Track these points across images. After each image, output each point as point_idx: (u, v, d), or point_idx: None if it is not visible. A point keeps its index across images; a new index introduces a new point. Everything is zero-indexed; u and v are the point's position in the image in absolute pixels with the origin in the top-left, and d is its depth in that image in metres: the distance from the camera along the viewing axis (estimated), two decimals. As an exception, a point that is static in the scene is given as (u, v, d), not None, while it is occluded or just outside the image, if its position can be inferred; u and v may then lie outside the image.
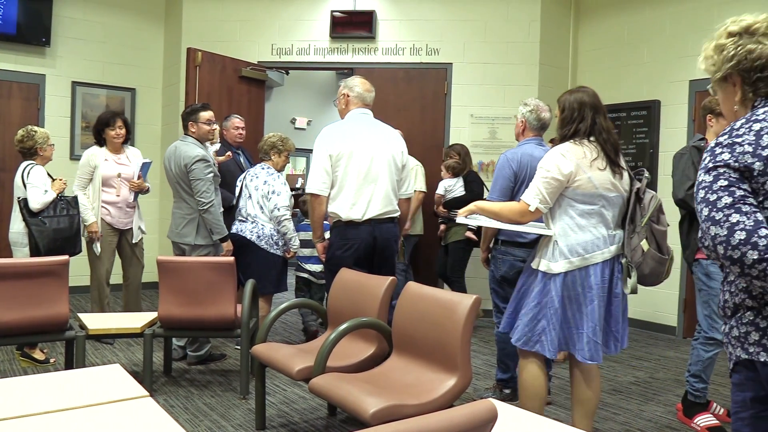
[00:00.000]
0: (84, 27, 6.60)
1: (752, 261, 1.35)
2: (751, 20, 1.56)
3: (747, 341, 1.49)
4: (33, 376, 2.39)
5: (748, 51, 1.52)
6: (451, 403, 2.54)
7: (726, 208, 1.40)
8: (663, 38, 5.71)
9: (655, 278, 2.77)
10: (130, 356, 4.48)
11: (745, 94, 1.57)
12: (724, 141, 1.49)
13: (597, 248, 2.71)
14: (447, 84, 6.22)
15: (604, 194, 2.71)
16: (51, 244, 4.16)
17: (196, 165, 4.11)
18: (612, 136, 2.75)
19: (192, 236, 4.20)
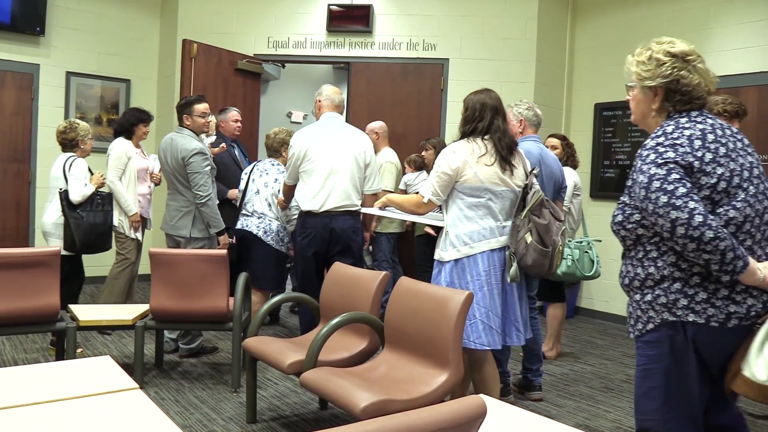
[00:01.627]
0: (79, 17, 6.55)
1: (708, 239, 1.69)
2: (686, 48, 1.87)
3: (676, 306, 1.80)
4: (23, 366, 2.38)
5: (681, 76, 1.84)
6: (442, 399, 2.54)
7: (684, 196, 1.71)
8: (659, 37, 5.70)
9: (538, 269, 2.91)
10: (122, 348, 4.46)
11: (664, 105, 1.89)
12: (664, 142, 1.80)
13: (483, 238, 2.91)
14: (443, 80, 6.21)
15: (491, 188, 2.91)
16: (86, 238, 4.17)
17: (194, 158, 4.10)
18: (507, 136, 2.97)
19: (188, 229, 4.19)
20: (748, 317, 1.77)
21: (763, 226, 1.84)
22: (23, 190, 6.37)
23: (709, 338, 1.79)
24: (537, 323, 3.81)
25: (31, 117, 6.36)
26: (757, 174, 1.85)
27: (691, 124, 1.83)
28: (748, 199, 1.79)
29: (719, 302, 1.78)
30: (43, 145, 6.42)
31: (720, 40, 5.29)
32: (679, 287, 1.80)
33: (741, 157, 1.83)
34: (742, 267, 1.72)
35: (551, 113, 6.28)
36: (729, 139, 1.84)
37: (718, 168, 1.77)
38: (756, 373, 1.73)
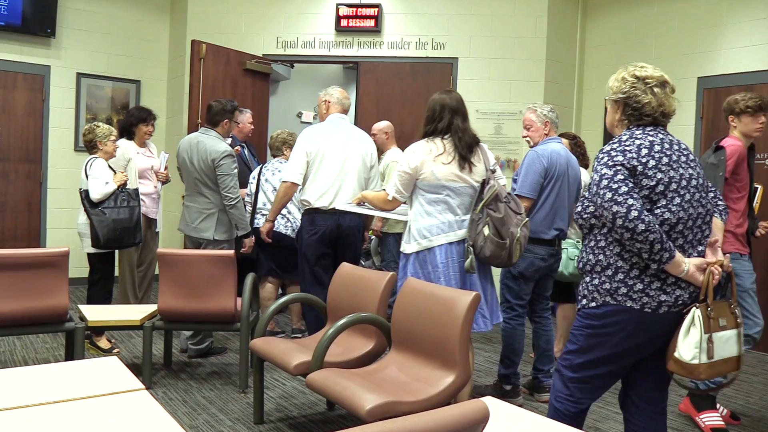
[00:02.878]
0: (89, 18, 6.58)
1: (640, 230, 2.01)
2: (649, 73, 2.20)
3: (617, 293, 2.12)
4: (31, 367, 2.38)
5: (635, 94, 2.19)
6: (449, 401, 2.51)
7: (625, 194, 2.04)
8: (671, 34, 5.65)
9: (497, 260, 3.09)
10: (131, 348, 4.47)
11: (621, 118, 2.25)
12: (617, 148, 2.13)
13: (441, 231, 3.10)
14: (452, 79, 6.18)
15: (448, 185, 3.09)
16: (110, 234, 4.18)
17: (225, 160, 4.11)
18: (466, 135, 3.14)
19: (211, 231, 4.19)
20: (676, 305, 2.10)
21: (695, 229, 2.14)
22: (35, 190, 6.42)
23: (641, 322, 2.11)
24: (549, 324, 3.79)
25: (42, 118, 6.40)
26: (694, 185, 2.15)
27: (644, 136, 2.15)
28: (683, 204, 2.10)
29: (652, 292, 2.09)
30: (54, 146, 6.47)
31: (733, 36, 5.22)
32: (621, 278, 2.12)
33: (682, 169, 2.14)
34: (668, 258, 2.04)
35: (562, 112, 6.23)
36: (675, 153, 2.15)
37: (658, 173, 2.09)
38: (682, 353, 2.08)
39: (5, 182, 6.26)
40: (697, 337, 2.06)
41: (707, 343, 2.07)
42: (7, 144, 6.25)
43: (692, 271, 2.08)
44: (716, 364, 2.10)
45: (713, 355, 2.08)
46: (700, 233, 2.16)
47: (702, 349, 2.07)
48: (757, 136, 3.39)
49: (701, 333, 2.06)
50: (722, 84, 5.23)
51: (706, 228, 2.19)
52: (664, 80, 2.20)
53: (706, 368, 2.07)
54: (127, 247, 4.37)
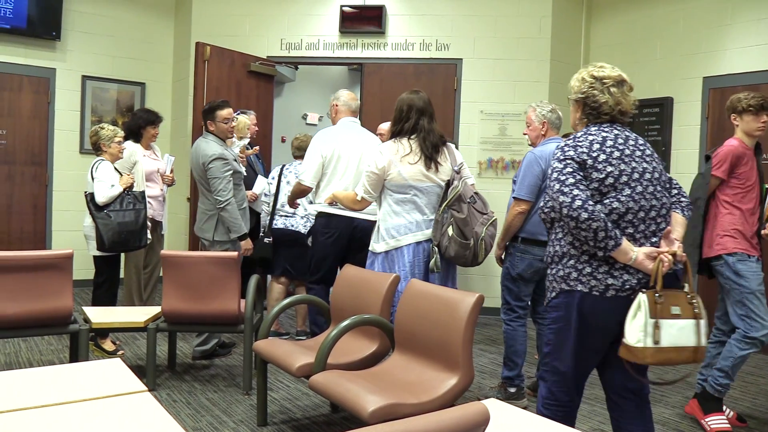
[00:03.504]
0: (94, 21, 6.61)
1: (584, 219, 2.12)
2: (606, 73, 2.30)
3: (569, 278, 2.23)
4: (34, 369, 2.39)
5: (593, 94, 2.29)
6: (452, 403, 2.50)
7: (571, 185, 2.16)
8: (676, 34, 5.62)
9: (461, 260, 3.17)
10: (135, 350, 4.48)
11: (581, 116, 2.37)
12: (570, 144, 2.26)
13: (409, 231, 3.19)
14: (457, 80, 6.17)
15: (415, 185, 3.17)
16: (115, 237, 4.17)
17: (213, 163, 4.10)
18: (432, 136, 3.21)
19: (211, 232, 4.21)
20: (623, 290, 2.17)
21: (648, 221, 2.22)
22: (40, 193, 6.44)
23: (591, 305, 2.20)
24: None
25: (47, 120, 6.43)
26: (648, 178, 2.23)
27: (597, 133, 2.26)
28: (633, 196, 2.19)
29: (600, 276, 2.19)
30: (59, 149, 6.49)
31: (739, 36, 5.19)
32: (573, 263, 2.23)
33: (635, 162, 2.23)
34: (613, 246, 2.13)
35: (567, 112, 6.20)
36: (628, 148, 2.24)
37: (608, 167, 2.19)
38: (628, 337, 2.14)
39: (11, 184, 6.29)
40: (642, 321, 2.11)
41: (653, 327, 2.11)
42: (13, 146, 6.28)
43: (641, 259, 2.15)
44: (666, 350, 2.13)
45: (659, 340, 2.12)
46: (654, 225, 2.23)
47: (647, 333, 2.11)
48: (759, 135, 3.37)
49: (646, 317, 2.11)
50: (728, 84, 5.20)
51: (662, 221, 2.25)
52: (621, 79, 2.30)
53: (653, 353, 2.11)
54: (133, 250, 4.37)
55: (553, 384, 2.33)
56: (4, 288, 3.29)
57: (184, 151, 5.81)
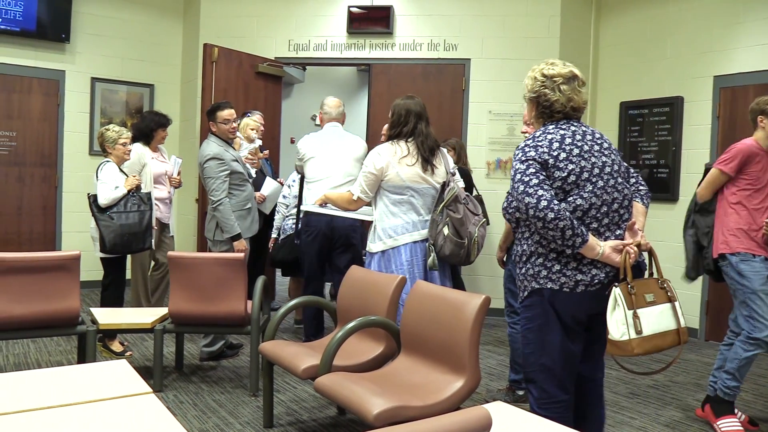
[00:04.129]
0: (103, 23, 6.63)
1: (550, 219, 2.13)
2: (557, 71, 2.32)
3: (539, 276, 2.26)
4: (40, 370, 2.39)
5: (544, 93, 2.32)
6: (458, 405, 2.48)
7: (535, 186, 2.16)
8: (686, 33, 5.56)
9: (456, 258, 3.27)
10: (143, 351, 4.49)
11: (536, 115, 2.39)
12: (530, 144, 2.27)
13: (406, 231, 3.29)
14: (465, 80, 6.14)
15: (412, 186, 3.29)
16: (117, 239, 4.17)
17: (208, 163, 4.13)
18: (429, 139, 3.35)
19: (212, 232, 4.24)
20: (593, 284, 2.21)
21: (611, 213, 2.26)
22: (50, 194, 6.47)
23: (563, 301, 2.23)
24: None
25: (57, 123, 6.46)
26: (608, 171, 2.27)
27: (555, 131, 2.29)
28: (596, 191, 2.22)
29: (569, 272, 2.21)
30: (69, 150, 6.52)
31: (750, 35, 5.13)
32: (541, 261, 2.25)
33: (594, 158, 2.26)
34: (580, 243, 2.16)
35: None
36: (587, 143, 2.27)
37: (569, 165, 2.22)
38: (612, 332, 2.18)
39: (21, 186, 6.32)
40: (621, 314, 2.17)
41: (633, 318, 2.18)
42: (23, 148, 6.31)
43: (608, 253, 2.19)
44: (651, 338, 2.21)
45: (641, 329, 2.18)
46: (617, 217, 2.28)
47: (629, 325, 2.17)
48: None
49: (625, 310, 2.17)
50: (738, 83, 5.14)
51: (625, 212, 2.30)
52: (572, 75, 2.32)
53: (639, 343, 2.18)
54: (136, 252, 4.36)
55: (543, 381, 2.32)
56: (11, 289, 3.30)
57: (192, 153, 5.82)
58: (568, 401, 2.34)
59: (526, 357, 2.38)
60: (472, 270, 6.06)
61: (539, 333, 2.30)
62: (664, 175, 5.71)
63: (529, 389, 2.40)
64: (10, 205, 6.28)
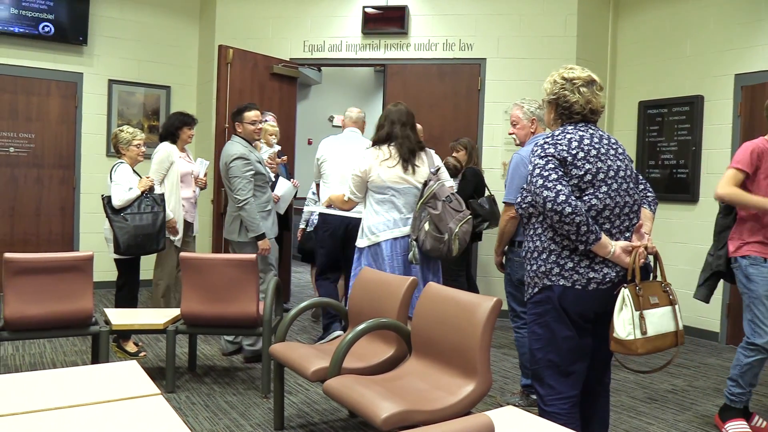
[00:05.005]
0: (120, 26, 6.69)
1: (567, 213, 2.18)
2: (576, 74, 2.39)
3: (551, 273, 2.29)
4: (51, 370, 2.39)
5: (564, 95, 2.38)
6: (468, 410, 2.44)
7: (554, 181, 2.22)
8: (707, 31, 5.46)
9: (437, 252, 3.47)
10: (158, 352, 4.50)
11: (555, 117, 2.45)
12: (550, 141, 2.33)
13: (386, 228, 3.55)
14: (480, 80, 6.09)
15: (392, 186, 3.56)
16: (130, 240, 4.18)
17: (234, 162, 4.18)
18: (408, 141, 3.59)
19: (236, 233, 4.27)
20: (604, 282, 2.26)
21: (623, 216, 2.32)
22: (68, 195, 6.54)
23: (573, 298, 2.27)
24: None
25: (75, 124, 6.52)
26: (622, 176, 2.33)
27: (574, 131, 2.35)
28: (610, 193, 2.28)
29: (582, 270, 2.25)
30: (86, 152, 6.58)
31: (773, 32, 5.02)
32: (554, 259, 2.29)
33: (610, 161, 2.31)
34: (594, 240, 2.21)
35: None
36: (603, 146, 2.33)
37: (586, 164, 2.27)
38: (618, 331, 2.25)
39: (40, 187, 6.39)
40: (629, 314, 2.24)
41: (639, 319, 2.25)
42: (42, 150, 6.39)
43: (618, 253, 2.26)
44: (653, 339, 2.29)
45: (646, 330, 2.27)
46: (627, 221, 2.33)
47: (635, 325, 2.25)
48: None
49: (632, 310, 2.24)
50: (760, 81, 5.03)
51: (634, 216, 2.36)
52: (591, 79, 2.39)
53: (642, 343, 2.26)
54: (150, 254, 4.37)
55: (550, 377, 2.35)
56: (25, 290, 3.33)
57: (208, 154, 5.83)
58: (575, 398, 2.35)
59: (534, 353, 2.40)
60: (485, 272, 6.01)
61: (548, 328, 2.33)
62: (684, 175, 5.60)
63: (536, 388, 2.42)
64: (28, 206, 6.35)
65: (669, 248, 5.71)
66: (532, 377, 2.46)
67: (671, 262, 5.70)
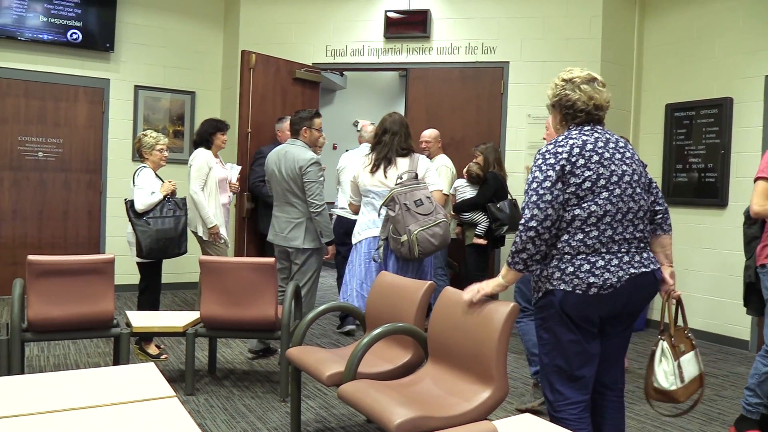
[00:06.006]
0: (146, 32, 6.79)
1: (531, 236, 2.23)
2: (575, 74, 2.37)
3: (552, 278, 2.29)
4: (70, 372, 2.42)
5: (565, 94, 2.36)
6: (485, 416, 2.40)
7: (547, 202, 2.22)
8: (736, 31, 5.34)
9: (399, 252, 3.67)
10: (179, 355, 4.53)
11: (561, 120, 2.42)
12: (551, 150, 2.29)
13: (366, 228, 3.92)
14: (503, 83, 6.04)
15: (372, 189, 3.89)
16: (153, 244, 4.20)
17: (311, 168, 4.22)
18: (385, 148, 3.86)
19: (300, 239, 4.28)
20: (605, 287, 2.23)
21: (626, 223, 2.29)
22: (95, 199, 6.64)
23: (574, 303, 2.26)
24: None
25: (102, 130, 6.63)
26: (627, 180, 2.29)
27: (578, 136, 2.31)
28: (611, 198, 2.25)
29: (582, 275, 2.25)
30: (113, 157, 6.68)
31: (805, 32, 4.88)
32: (556, 264, 2.28)
33: (614, 165, 2.28)
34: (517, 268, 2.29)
35: (618, 116, 5.99)
36: (608, 150, 2.29)
37: (586, 171, 2.24)
38: (662, 383, 2.37)
39: (67, 192, 6.51)
40: (670, 366, 2.34)
41: (678, 369, 2.36)
42: (69, 155, 6.50)
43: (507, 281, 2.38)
44: (688, 385, 2.40)
45: (684, 378, 2.37)
46: (632, 227, 2.30)
47: (676, 375, 2.34)
48: None
49: (672, 362, 2.33)
50: (792, 82, 4.90)
51: (639, 222, 2.32)
52: (591, 77, 2.37)
53: (683, 391, 2.37)
54: (171, 257, 4.40)
55: (557, 382, 2.33)
56: (48, 291, 3.38)
57: (231, 159, 5.87)
58: (585, 403, 2.32)
59: (542, 359, 2.40)
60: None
61: (552, 333, 2.33)
62: (713, 179, 5.48)
63: (545, 394, 2.39)
64: (56, 209, 6.47)
65: (697, 254, 5.58)
66: (542, 383, 2.44)
67: (699, 269, 5.57)
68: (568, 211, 2.25)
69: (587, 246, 2.24)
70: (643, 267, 2.29)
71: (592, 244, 2.24)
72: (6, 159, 6.24)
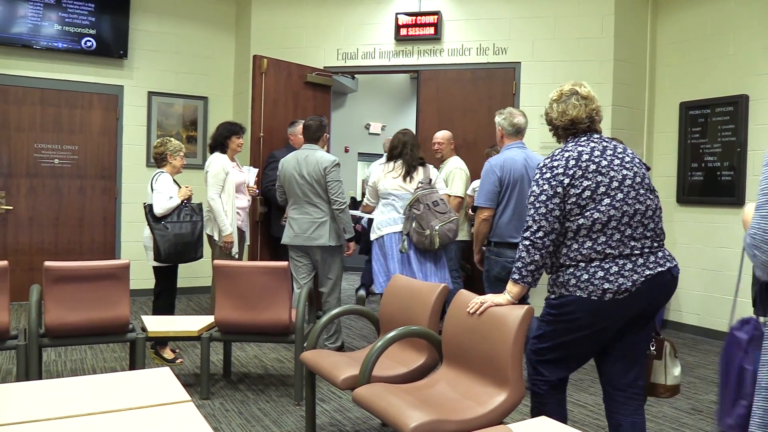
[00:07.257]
0: (159, 39, 6.84)
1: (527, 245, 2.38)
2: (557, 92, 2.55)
3: (568, 284, 2.36)
4: (86, 377, 2.44)
5: (546, 113, 2.56)
6: (500, 420, 2.38)
7: (541, 215, 2.36)
8: (751, 28, 5.27)
9: (422, 245, 4.24)
10: (195, 359, 4.54)
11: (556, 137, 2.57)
12: (548, 164, 2.41)
13: (387, 225, 4.42)
14: (515, 84, 6.01)
15: (393, 193, 4.44)
16: (171, 248, 4.24)
17: (335, 168, 4.49)
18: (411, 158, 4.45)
19: (325, 238, 4.45)
20: (620, 292, 2.29)
21: (634, 224, 2.34)
22: (110, 205, 6.70)
23: (590, 309, 2.32)
24: None
25: (116, 136, 6.69)
26: (629, 184, 2.35)
27: (574, 147, 2.42)
28: (614, 203, 2.32)
29: (596, 281, 2.31)
30: (127, 163, 6.74)
31: (821, 27, 4.82)
32: (571, 271, 2.36)
33: (614, 171, 2.35)
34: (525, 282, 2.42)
35: (632, 114, 5.94)
36: (605, 158, 2.37)
37: (584, 182, 2.33)
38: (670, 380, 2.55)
39: (82, 198, 6.57)
40: (678, 364, 2.56)
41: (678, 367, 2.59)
42: (84, 161, 6.56)
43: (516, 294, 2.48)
44: None
45: None
46: (641, 227, 2.35)
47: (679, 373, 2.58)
48: None
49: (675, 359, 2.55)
50: (810, 79, 4.83)
51: (649, 221, 2.37)
52: (572, 92, 2.50)
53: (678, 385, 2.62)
54: (188, 262, 4.43)
55: (538, 363, 2.49)
56: (64, 297, 3.41)
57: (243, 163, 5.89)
58: (558, 383, 2.48)
59: (534, 343, 2.51)
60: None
61: (555, 332, 2.43)
62: (729, 177, 5.41)
63: (528, 364, 2.55)
64: (72, 215, 6.53)
65: (713, 253, 5.51)
66: (526, 360, 2.56)
67: (715, 268, 5.51)
68: (573, 221, 2.33)
69: (598, 252, 2.31)
70: (659, 266, 2.33)
71: (602, 249, 2.31)
72: (23, 166, 6.32)
